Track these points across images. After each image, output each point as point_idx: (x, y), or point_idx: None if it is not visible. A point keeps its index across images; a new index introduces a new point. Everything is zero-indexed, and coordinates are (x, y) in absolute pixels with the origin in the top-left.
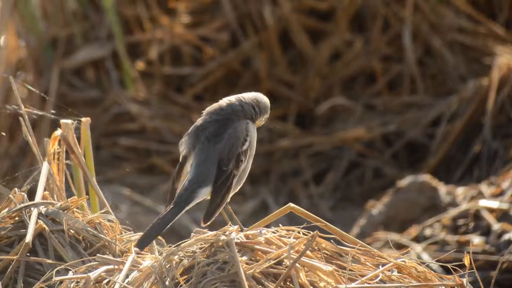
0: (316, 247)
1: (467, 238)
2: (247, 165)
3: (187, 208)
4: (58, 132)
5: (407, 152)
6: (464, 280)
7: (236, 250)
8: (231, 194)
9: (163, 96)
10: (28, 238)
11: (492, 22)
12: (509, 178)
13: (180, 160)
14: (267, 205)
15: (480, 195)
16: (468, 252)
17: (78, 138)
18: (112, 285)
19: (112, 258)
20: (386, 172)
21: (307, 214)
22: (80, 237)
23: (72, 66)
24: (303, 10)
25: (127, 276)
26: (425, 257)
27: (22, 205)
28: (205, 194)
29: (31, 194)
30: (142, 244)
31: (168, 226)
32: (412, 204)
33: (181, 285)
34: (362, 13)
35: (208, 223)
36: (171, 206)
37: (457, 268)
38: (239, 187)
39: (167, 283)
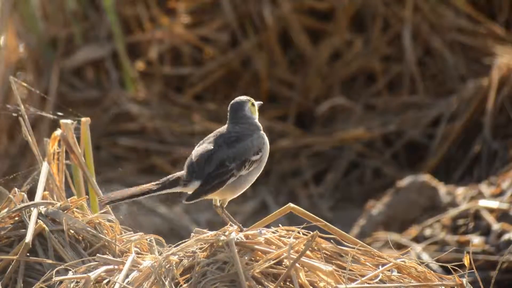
0: (316, 247)
1: (467, 238)
2: (248, 175)
3: (169, 189)
4: (58, 132)
5: (407, 152)
6: (464, 280)
7: (236, 250)
8: (224, 195)
9: (163, 96)
10: (28, 238)
11: (492, 22)
12: (509, 178)
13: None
14: (267, 205)
15: (480, 195)
16: (468, 252)
17: (78, 138)
18: (112, 285)
19: (112, 258)
20: (386, 172)
21: (307, 214)
22: (80, 237)
23: (72, 66)
24: (303, 10)
25: (127, 276)
26: (425, 257)
27: (22, 205)
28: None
29: (31, 194)
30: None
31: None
32: (412, 204)
33: (181, 285)
34: (362, 13)
35: (189, 202)
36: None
37: (457, 268)
38: (232, 196)
39: (167, 283)
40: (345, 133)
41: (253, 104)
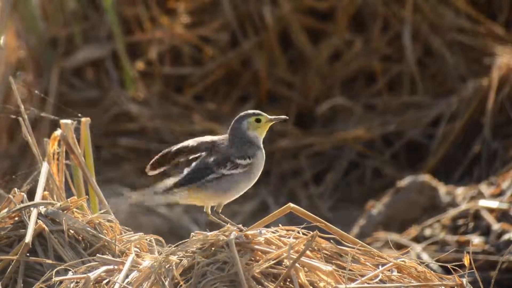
0: (316, 247)
1: (467, 238)
2: (234, 177)
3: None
4: (58, 132)
5: (407, 152)
6: (464, 280)
7: (236, 250)
8: (207, 198)
9: (163, 96)
10: (28, 238)
11: (492, 22)
12: (509, 178)
13: None
14: (267, 205)
15: (480, 195)
16: (468, 252)
17: (78, 139)
18: (112, 285)
19: (111, 258)
20: (386, 172)
21: (307, 214)
22: (80, 237)
23: (72, 66)
24: (303, 10)
25: (127, 276)
26: (425, 257)
27: (22, 205)
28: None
29: (31, 194)
30: None
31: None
32: (412, 204)
33: (180, 285)
34: (362, 13)
35: (161, 195)
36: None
37: (457, 268)
38: (217, 200)
39: (166, 283)
40: (345, 133)
41: (258, 120)
